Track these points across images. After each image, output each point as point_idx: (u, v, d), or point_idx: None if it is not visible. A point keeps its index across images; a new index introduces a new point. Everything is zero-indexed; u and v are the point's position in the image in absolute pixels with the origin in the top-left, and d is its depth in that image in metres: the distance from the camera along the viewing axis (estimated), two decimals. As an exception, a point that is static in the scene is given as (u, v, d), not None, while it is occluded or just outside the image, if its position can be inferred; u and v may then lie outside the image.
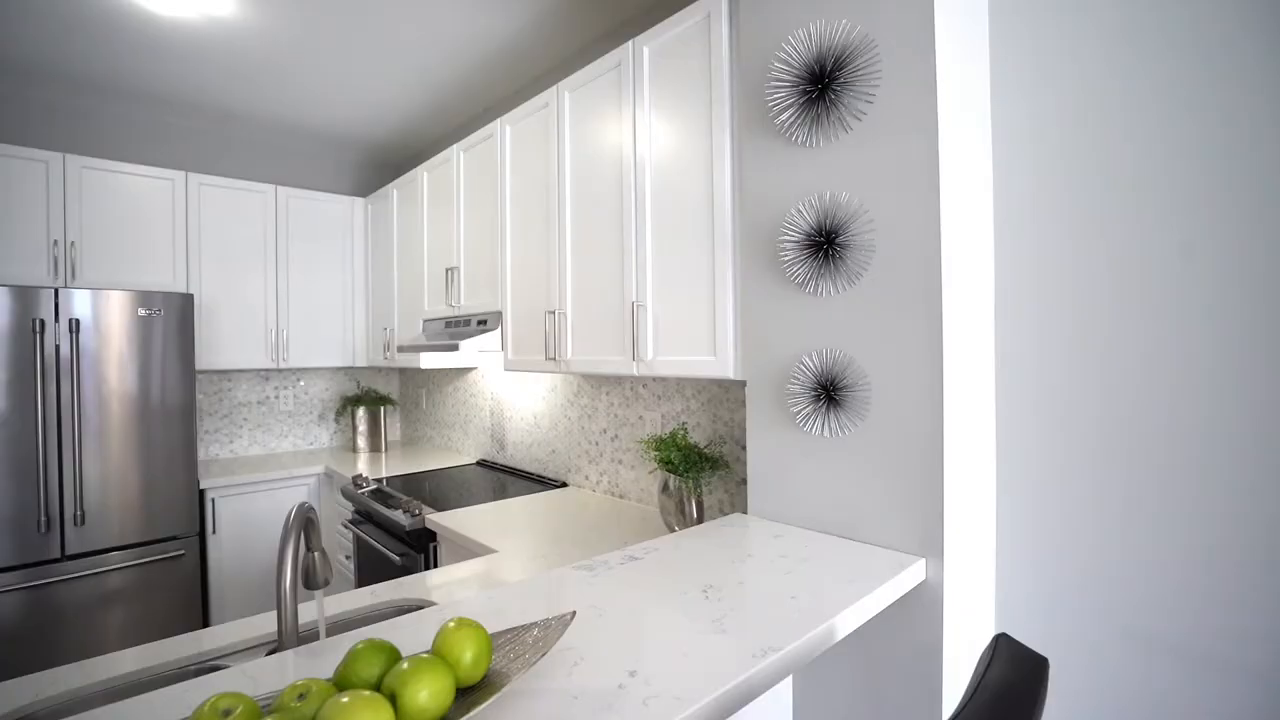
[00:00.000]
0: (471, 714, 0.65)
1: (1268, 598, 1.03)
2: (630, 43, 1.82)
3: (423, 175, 3.00)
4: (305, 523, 0.98)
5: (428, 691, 0.63)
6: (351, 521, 2.73)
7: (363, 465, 3.22)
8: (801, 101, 1.34)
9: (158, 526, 2.74)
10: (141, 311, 2.69)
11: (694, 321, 1.66)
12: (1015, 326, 1.31)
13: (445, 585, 1.56)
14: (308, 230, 3.49)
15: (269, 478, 3.12)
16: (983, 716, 0.62)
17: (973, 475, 1.26)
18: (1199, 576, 1.10)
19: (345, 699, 0.59)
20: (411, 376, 3.98)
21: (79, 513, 2.54)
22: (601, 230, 1.95)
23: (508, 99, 3.10)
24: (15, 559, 2.41)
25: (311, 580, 1.00)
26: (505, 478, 2.86)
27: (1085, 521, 1.22)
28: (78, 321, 2.54)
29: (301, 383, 3.77)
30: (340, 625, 1.36)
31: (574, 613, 0.80)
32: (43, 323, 2.47)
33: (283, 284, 3.39)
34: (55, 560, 2.50)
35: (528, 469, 2.92)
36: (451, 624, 0.71)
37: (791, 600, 1.00)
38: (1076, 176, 1.23)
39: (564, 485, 2.66)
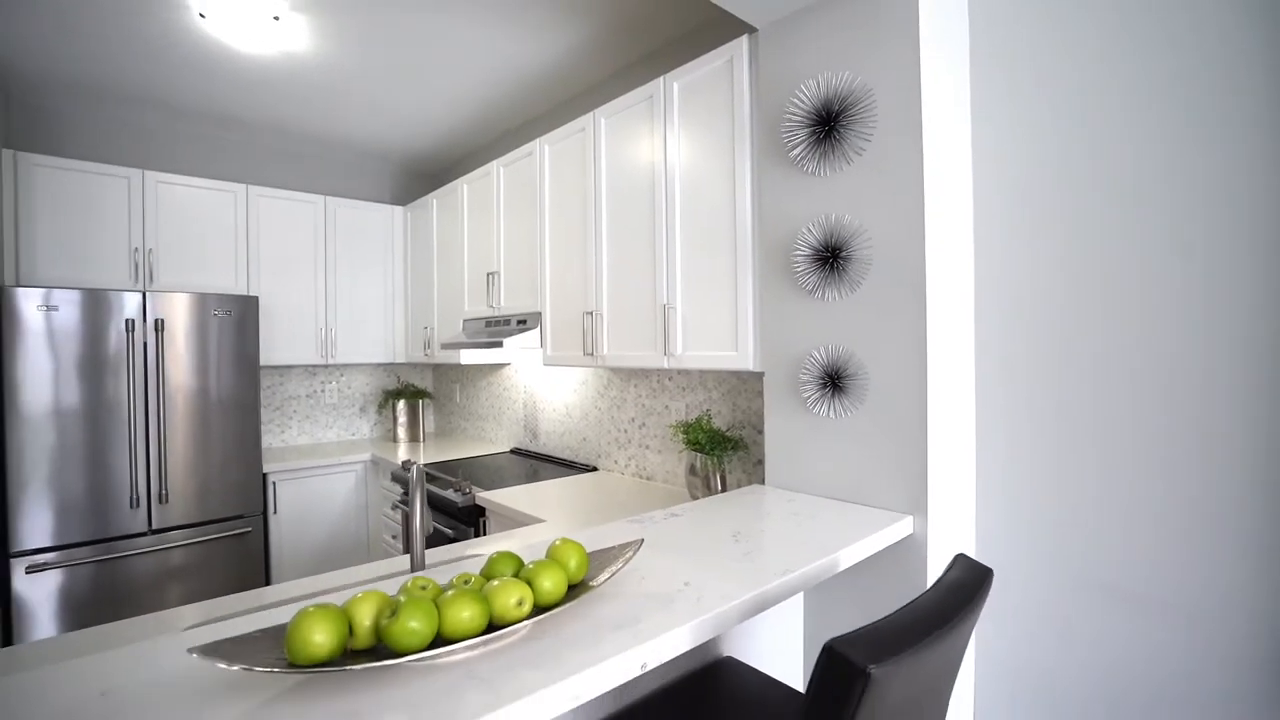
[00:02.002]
0: (576, 600, 0.92)
1: (1210, 553, 1.29)
2: (661, 78, 2.09)
3: (463, 187, 3.28)
4: (425, 478, 1.26)
5: (551, 582, 0.90)
6: (401, 502, 3.01)
7: (403, 453, 3.51)
8: (811, 138, 1.61)
9: (228, 506, 3.04)
10: (215, 313, 2.99)
11: (718, 321, 1.93)
12: (992, 321, 1.57)
13: (508, 545, 1.84)
14: (352, 236, 3.78)
15: (322, 463, 3.42)
16: (937, 599, 0.89)
17: (954, 447, 1.52)
18: (1149, 534, 1.36)
19: (498, 582, 0.86)
20: (445, 372, 4.27)
21: (163, 491, 2.84)
22: (635, 241, 2.22)
23: (543, 116, 3.37)
24: (110, 531, 2.72)
25: (425, 524, 1.27)
26: (538, 463, 3.13)
27: (1050, 486, 1.48)
28: (162, 322, 2.84)
29: (344, 377, 4.07)
30: (442, 569, 1.64)
31: (641, 540, 1.07)
32: (132, 323, 2.77)
33: (331, 286, 3.69)
34: (142, 534, 2.81)
35: (559, 455, 3.20)
36: (558, 541, 0.99)
37: (803, 543, 1.27)
38: (1036, 196, 1.49)
39: (594, 469, 2.94)
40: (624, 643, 0.84)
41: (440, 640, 0.79)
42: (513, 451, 3.47)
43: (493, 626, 0.83)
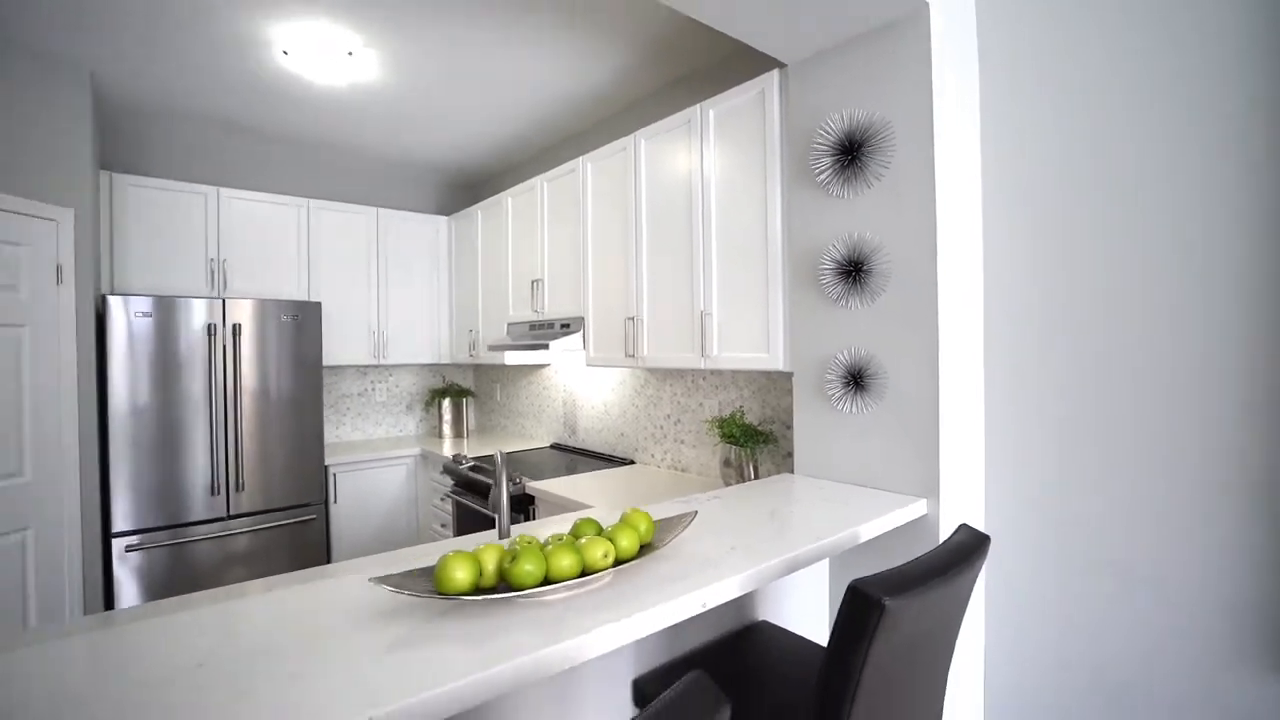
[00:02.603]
0: (646, 557, 1.14)
1: (1195, 539, 1.47)
2: (699, 106, 2.31)
3: (508, 200, 3.53)
4: (507, 461, 1.49)
5: (627, 541, 1.12)
6: (451, 493, 3.26)
7: (448, 448, 3.76)
8: (835, 165, 1.81)
9: (294, 494, 3.31)
10: (283, 318, 3.27)
11: (751, 326, 2.14)
12: (999, 322, 1.76)
13: (562, 528, 2.06)
14: (401, 245, 4.05)
15: (377, 457, 3.69)
16: (942, 555, 1.09)
17: (965, 439, 1.72)
18: (1134, 516, 1.54)
19: (586, 539, 1.09)
20: (486, 372, 4.52)
21: (240, 480, 3.12)
22: (673, 253, 2.44)
23: (583, 133, 3.60)
24: (194, 516, 3.01)
25: (507, 500, 1.50)
26: (577, 458, 3.36)
27: (1053, 476, 1.67)
28: (238, 326, 3.12)
29: (393, 378, 4.35)
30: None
31: (696, 512, 1.29)
32: (213, 327, 3.06)
33: (381, 291, 3.96)
34: (221, 519, 3.09)
35: (598, 450, 3.42)
36: (630, 510, 1.21)
37: (829, 519, 1.48)
38: (1040, 196, 1.67)
39: (631, 463, 3.16)
40: (687, 588, 1.06)
41: (546, 582, 1.01)
42: (553, 446, 3.71)
43: (584, 573, 1.05)
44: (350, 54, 2.58)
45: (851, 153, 1.78)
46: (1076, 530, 1.63)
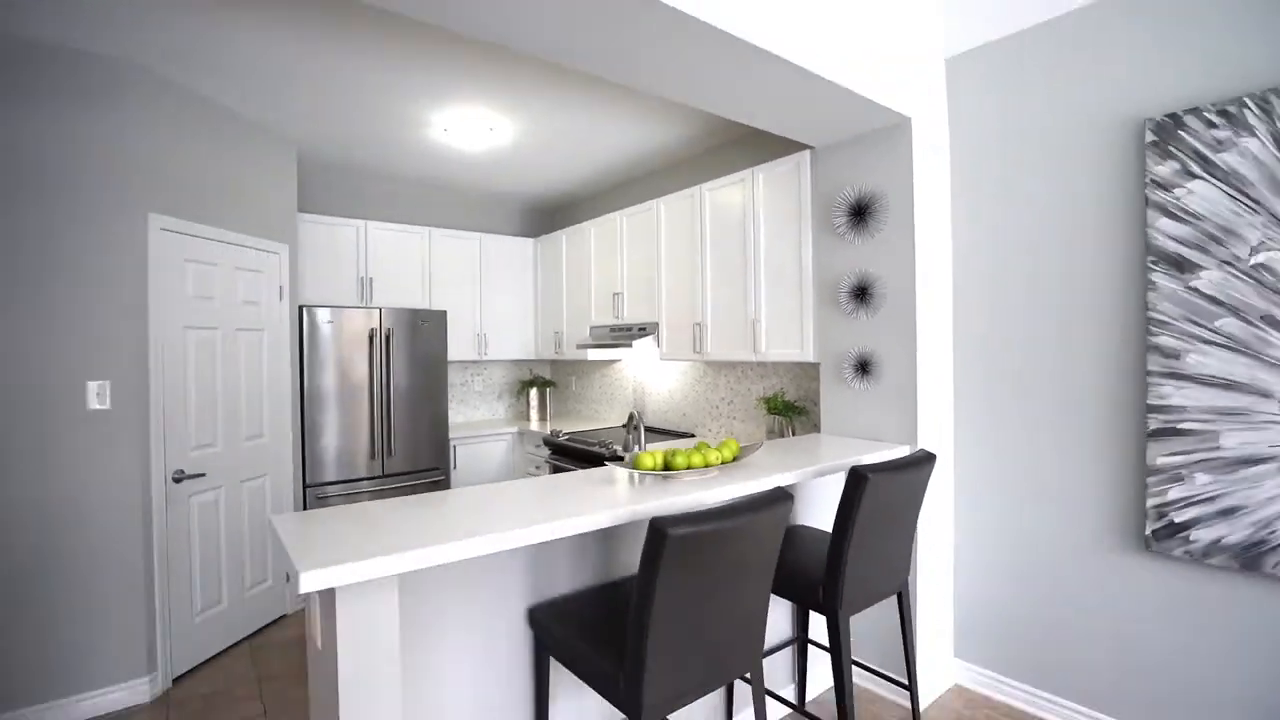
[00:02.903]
0: (733, 464, 2.02)
1: (1086, 469, 2.31)
2: (751, 170, 3.18)
3: (591, 228, 4.43)
4: (634, 422, 2.37)
5: (728, 451, 2.01)
6: (549, 460, 4.17)
7: (535, 428, 4.68)
8: (849, 220, 2.67)
9: (427, 461, 4.25)
10: (421, 323, 4.21)
11: (789, 330, 3.00)
12: (962, 332, 2.60)
13: (657, 470, 2.94)
14: (498, 262, 4.98)
15: (486, 433, 4.62)
16: (904, 459, 1.94)
17: (937, 406, 2.56)
18: (1045, 455, 2.38)
19: (704, 451, 1.97)
20: (563, 366, 5.44)
21: (390, 448, 4.08)
22: (730, 275, 3.31)
23: (654, 173, 4.49)
24: (358, 474, 3.96)
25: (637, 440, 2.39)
26: (647, 432, 4.24)
27: (995, 429, 2.51)
28: (391, 330, 4.08)
29: (487, 371, 5.28)
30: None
31: (764, 441, 2.16)
32: (374, 332, 4.01)
33: (484, 300, 4.88)
34: (377, 477, 4.04)
35: (664, 427, 4.31)
36: (726, 438, 2.09)
37: (842, 453, 2.34)
38: (986, 255, 2.51)
39: (692, 435, 4.04)
40: (757, 474, 1.93)
41: (686, 469, 1.90)
42: (623, 426, 4.60)
43: (705, 466, 1.93)
44: (491, 129, 3.51)
45: (860, 213, 2.64)
46: (1011, 465, 2.47)
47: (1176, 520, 2.06)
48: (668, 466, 1.90)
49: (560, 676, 1.82)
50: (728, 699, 2.27)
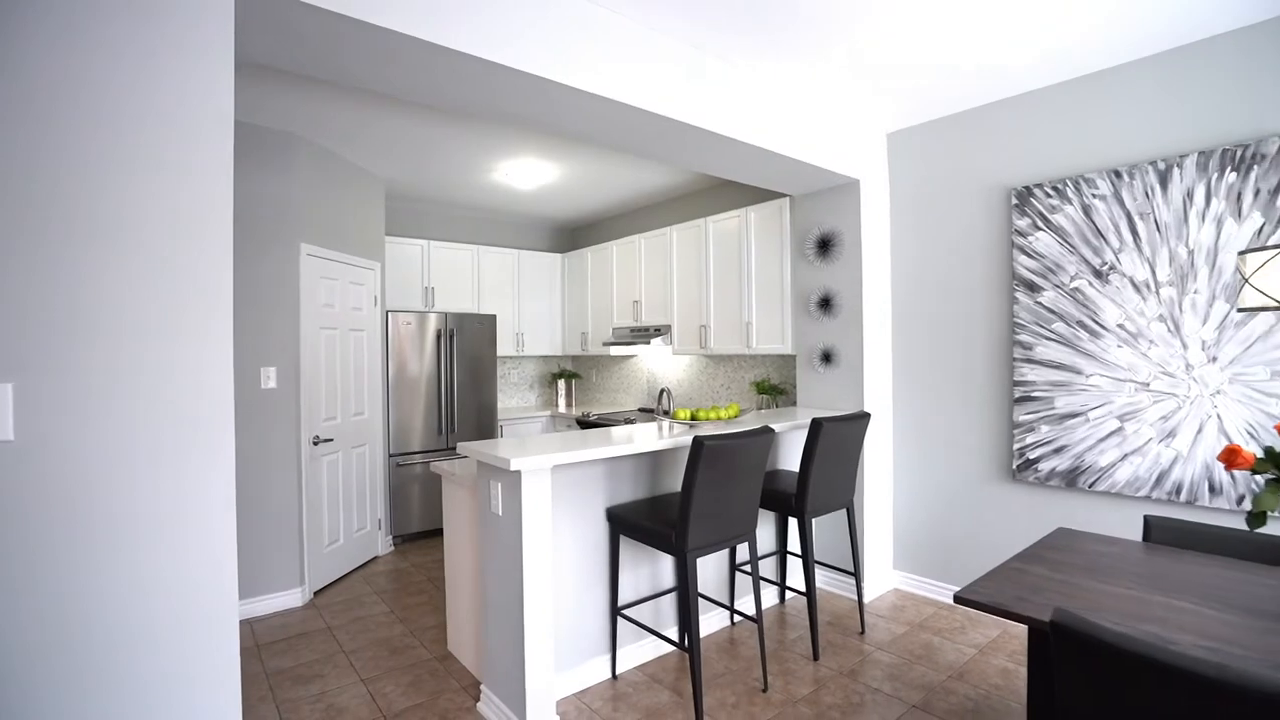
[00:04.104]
0: (737, 418, 3.02)
1: (969, 420, 3.33)
2: (745, 209, 4.18)
3: (614, 247, 5.42)
4: (664, 393, 3.36)
5: (732, 411, 3.00)
6: (581, 435, 5.14)
7: (563, 410, 5.65)
8: (817, 250, 3.68)
9: (482, 437, 5.21)
10: (477, 325, 5.18)
11: (773, 329, 4.00)
12: (900, 330, 3.62)
13: (675, 435, 3.94)
14: (531, 273, 5.95)
15: (524, 417, 5.59)
16: (848, 415, 2.94)
17: (879, 382, 3.57)
18: (959, 415, 3.40)
19: (717, 409, 2.97)
20: (585, 361, 6.41)
21: (454, 426, 5.04)
22: (729, 288, 4.31)
23: (665, 204, 5.49)
24: (429, 446, 4.91)
25: (664, 406, 3.38)
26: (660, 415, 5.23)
27: (920, 398, 3.53)
28: (454, 330, 5.04)
29: (520, 366, 6.25)
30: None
31: (759, 408, 3.15)
32: (440, 331, 4.97)
33: (522, 306, 5.85)
34: (443, 449, 5.00)
35: (667, 411, 5.29)
36: (731, 403, 3.09)
37: (808, 417, 3.34)
38: (914, 276, 3.53)
39: (697, 415, 5.03)
40: (754, 425, 2.92)
41: (706, 420, 2.89)
42: (639, 410, 5.59)
43: (717, 419, 2.93)
44: (541, 173, 4.49)
45: (825, 245, 3.65)
46: (930, 423, 3.49)
47: (1030, 458, 3.08)
48: (694, 419, 2.89)
49: (625, 554, 2.81)
50: (730, 585, 3.27)
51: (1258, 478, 2.38)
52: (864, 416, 2.98)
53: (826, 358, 3.67)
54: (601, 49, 2.37)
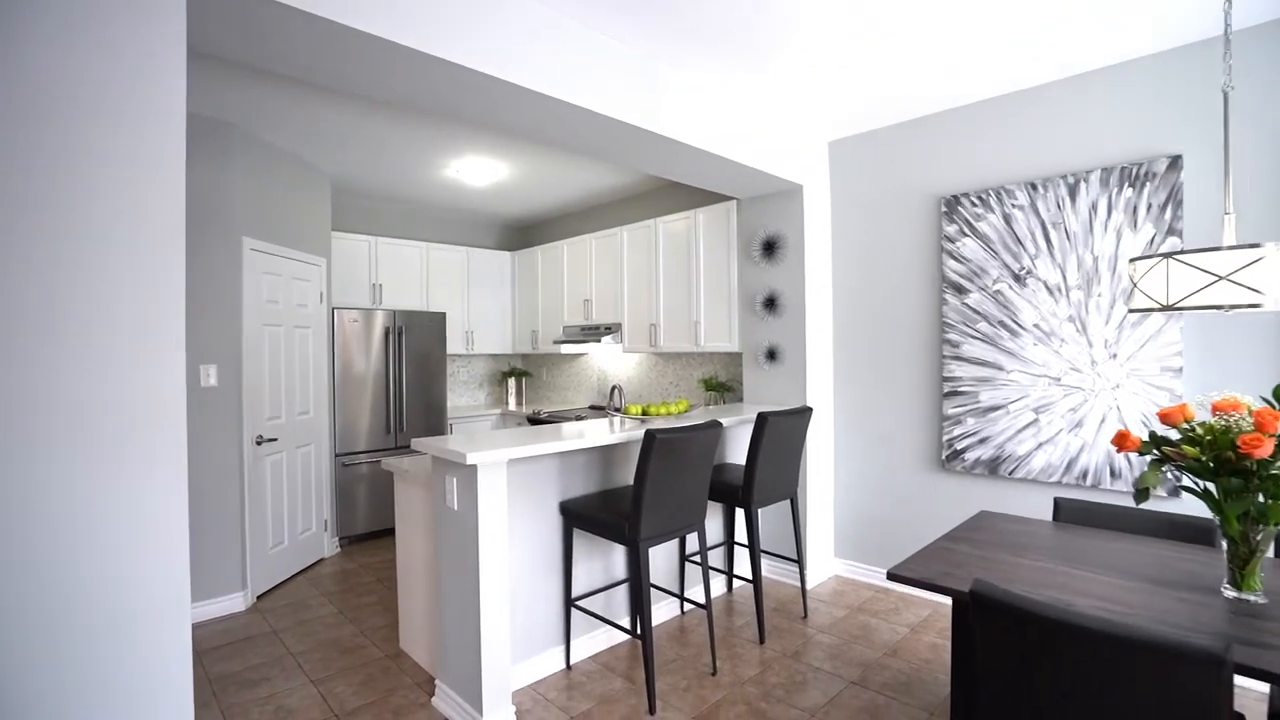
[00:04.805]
0: (685, 413, 3.13)
1: (905, 416, 3.54)
2: (694, 210, 4.30)
3: (564, 246, 5.46)
4: (615, 390, 3.45)
5: (682, 406, 3.11)
6: (532, 433, 5.16)
7: (515, 409, 5.66)
8: (762, 252, 3.83)
9: (435, 433, 5.16)
10: (425, 323, 5.13)
11: (721, 327, 4.14)
12: (840, 327, 3.80)
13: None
14: (481, 272, 5.92)
15: (475, 415, 5.57)
16: (788, 411, 3.09)
17: (820, 378, 3.75)
18: (891, 412, 3.61)
19: (668, 405, 3.07)
20: (535, 359, 6.42)
21: (402, 424, 4.98)
22: (678, 288, 4.42)
23: (615, 204, 5.56)
24: (376, 445, 4.84)
25: (615, 403, 3.46)
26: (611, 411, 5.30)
27: (859, 393, 3.72)
28: (403, 328, 4.98)
29: (470, 365, 6.22)
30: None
31: (704, 406, 3.27)
32: (388, 329, 4.91)
33: (472, 304, 5.82)
34: (391, 449, 4.93)
35: (619, 408, 5.38)
36: (681, 398, 3.19)
37: (754, 412, 3.49)
38: (855, 274, 3.72)
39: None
40: (702, 419, 3.04)
41: (657, 415, 2.99)
42: (590, 407, 5.65)
43: (667, 414, 3.03)
44: (492, 170, 4.49)
45: (770, 248, 3.80)
46: (868, 417, 3.69)
47: (958, 448, 3.31)
48: (645, 414, 2.98)
49: (578, 547, 2.88)
50: (680, 576, 3.38)
51: (1142, 458, 2.64)
52: (806, 411, 3.14)
53: (771, 355, 3.82)
54: (550, 49, 2.43)
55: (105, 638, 1.44)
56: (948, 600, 3.40)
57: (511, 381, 6.08)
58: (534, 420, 5.19)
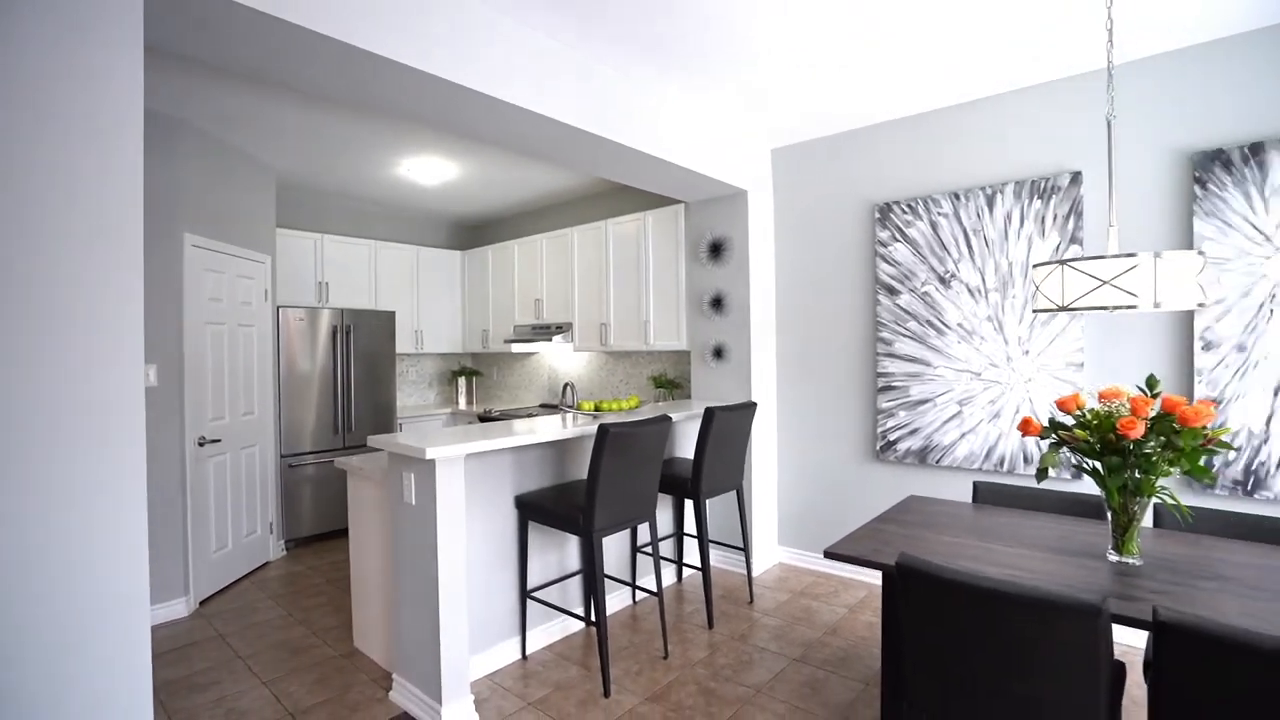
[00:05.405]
0: (637, 408, 3.25)
1: (848, 407, 3.76)
2: (644, 213, 4.43)
3: (515, 246, 5.50)
4: (568, 387, 3.53)
5: (633, 403, 3.23)
6: (484, 432, 5.19)
7: (465, 409, 5.66)
8: (710, 254, 3.99)
9: (382, 432, 5.11)
10: (373, 322, 5.08)
11: (670, 326, 4.28)
12: (783, 327, 4.00)
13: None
14: (430, 270, 5.89)
15: (425, 415, 5.54)
16: (734, 406, 3.25)
17: (765, 375, 3.94)
18: (833, 402, 3.81)
19: (619, 401, 3.18)
20: (485, 359, 6.42)
21: (351, 424, 4.92)
22: (628, 288, 4.54)
23: (566, 204, 5.63)
24: (323, 445, 4.77)
25: (567, 401, 3.54)
26: (564, 408, 5.38)
27: (799, 391, 3.92)
28: (350, 327, 4.92)
29: (420, 364, 6.17)
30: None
31: (653, 403, 3.40)
32: (335, 328, 4.84)
33: (421, 302, 5.79)
34: (339, 449, 4.87)
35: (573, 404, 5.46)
36: (632, 394, 3.31)
37: (701, 408, 3.64)
38: (796, 276, 3.92)
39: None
40: (652, 413, 3.17)
41: (609, 411, 3.10)
42: (541, 405, 5.71)
43: (619, 410, 3.14)
44: (444, 169, 4.50)
45: (716, 250, 3.96)
46: (809, 411, 3.89)
47: (890, 439, 3.54)
48: (598, 410, 3.08)
49: (533, 540, 2.96)
50: (632, 566, 3.50)
51: (1043, 442, 2.92)
52: (751, 406, 3.31)
53: (718, 353, 3.99)
54: (504, 56, 2.50)
55: (66, 638, 1.44)
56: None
57: (462, 381, 6.07)
58: (485, 419, 5.21)
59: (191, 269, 3.56)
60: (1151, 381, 1.71)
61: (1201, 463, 1.58)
